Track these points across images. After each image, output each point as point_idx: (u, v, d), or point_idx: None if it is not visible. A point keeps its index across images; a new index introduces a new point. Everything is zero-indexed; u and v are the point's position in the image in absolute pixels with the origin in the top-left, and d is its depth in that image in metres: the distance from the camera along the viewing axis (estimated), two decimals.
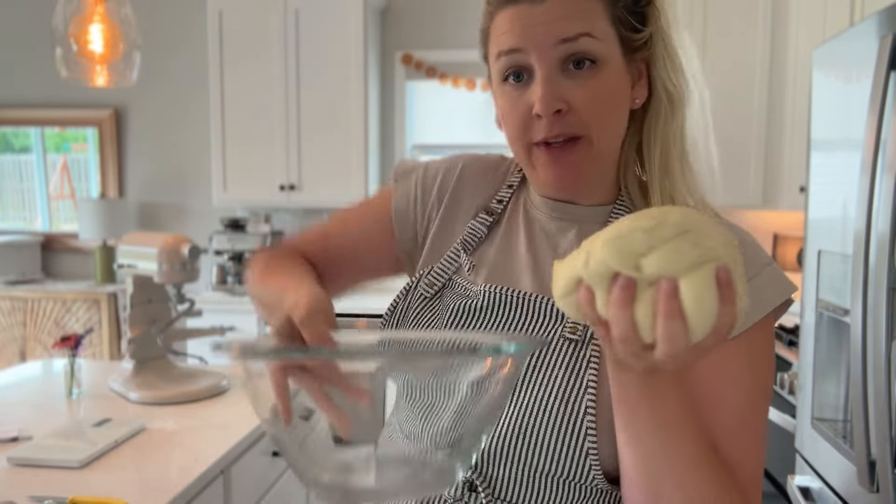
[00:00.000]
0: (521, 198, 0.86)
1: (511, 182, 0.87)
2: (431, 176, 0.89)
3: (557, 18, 0.70)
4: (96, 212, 3.82)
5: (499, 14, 0.74)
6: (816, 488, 1.73)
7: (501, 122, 0.79)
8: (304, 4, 3.52)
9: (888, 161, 1.34)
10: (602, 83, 0.71)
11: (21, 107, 4.10)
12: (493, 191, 0.87)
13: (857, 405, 1.41)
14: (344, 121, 3.58)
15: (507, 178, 0.88)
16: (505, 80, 0.74)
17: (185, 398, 1.77)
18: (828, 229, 1.70)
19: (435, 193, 0.88)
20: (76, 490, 1.26)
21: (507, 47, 0.72)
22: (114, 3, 1.87)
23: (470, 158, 0.91)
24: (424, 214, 0.88)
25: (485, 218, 0.84)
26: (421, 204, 0.88)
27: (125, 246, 1.92)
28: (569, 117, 0.71)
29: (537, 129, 0.72)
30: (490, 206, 0.85)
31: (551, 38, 0.70)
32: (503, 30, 0.73)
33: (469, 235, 0.83)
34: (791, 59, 3.07)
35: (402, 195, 0.89)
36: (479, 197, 0.87)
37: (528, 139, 0.74)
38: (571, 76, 0.71)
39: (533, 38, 0.70)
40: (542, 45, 0.70)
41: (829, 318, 1.70)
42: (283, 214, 3.98)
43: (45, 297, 3.75)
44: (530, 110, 0.72)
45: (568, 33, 0.70)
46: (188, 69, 3.97)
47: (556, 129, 0.71)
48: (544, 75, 0.71)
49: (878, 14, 1.45)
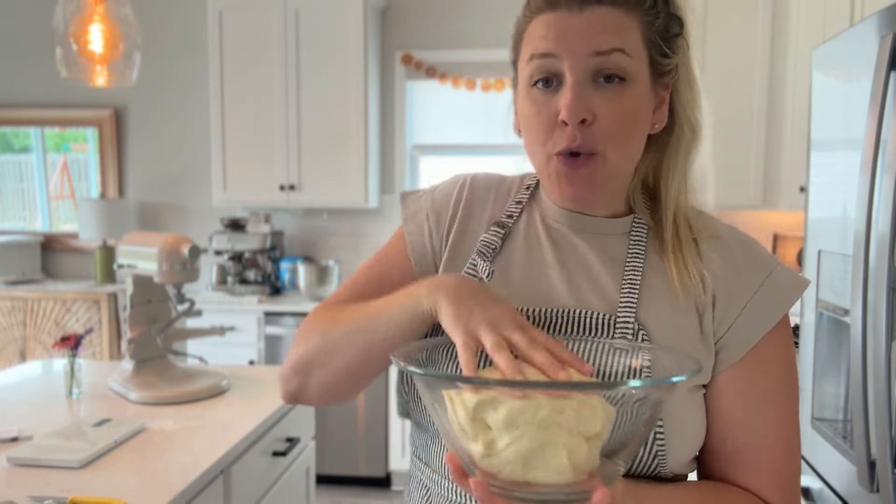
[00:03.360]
0: (534, 212, 0.86)
1: (520, 198, 0.87)
2: (440, 199, 0.89)
3: (595, 31, 0.71)
4: (96, 212, 3.82)
5: (537, 18, 0.75)
6: (816, 488, 1.73)
7: (522, 127, 0.79)
8: (304, 4, 3.52)
9: (888, 161, 1.34)
10: (628, 100, 0.73)
11: (21, 107, 4.10)
12: (502, 206, 0.87)
13: (857, 405, 1.41)
14: (344, 121, 3.58)
15: (513, 194, 0.88)
16: (534, 84, 0.75)
17: (185, 398, 1.77)
18: (828, 229, 1.70)
19: (449, 213, 0.87)
20: (76, 490, 1.26)
21: (542, 51, 0.73)
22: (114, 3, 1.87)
23: (474, 175, 0.90)
24: (440, 238, 0.87)
25: (497, 230, 0.84)
26: (436, 233, 0.87)
27: (125, 246, 1.92)
28: (592, 129, 0.72)
29: (560, 137, 0.73)
30: (501, 220, 0.85)
31: (586, 49, 0.71)
32: (539, 34, 0.74)
33: (483, 247, 0.83)
34: (791, 59, 3.07)
35: (416, 232, 0.88)
36: (487, 212, 0.87)
37: (550, 147, 0.74)
38: (599, 89, 0.72)
39: (568, 45, 0.72)
40: (576, 54, 0.71)
41: (829, 318, 1.70)
42: (283, 214, 3.98)
43: (45, 297, 3.75)
44: (555, 117, 0.72)
45: (602, 46, 0.71)
46: (188, 69, 3.97)
47: (578, 139, 0.72)
48: (574, 83, 0.71)
49: (878, 14, 1.45)
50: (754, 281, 0.77)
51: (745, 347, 0.76)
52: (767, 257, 0.80)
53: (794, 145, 3.00)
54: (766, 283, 0.77)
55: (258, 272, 3.73)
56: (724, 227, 0.82)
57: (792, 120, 3.05)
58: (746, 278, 0.77)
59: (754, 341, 0.76)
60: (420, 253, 0.87)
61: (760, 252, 0.80)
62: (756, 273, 0.77)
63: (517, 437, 0.57)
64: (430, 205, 0.89)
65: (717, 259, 0.78)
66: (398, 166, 3.92)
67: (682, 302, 0.76)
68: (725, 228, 0.82)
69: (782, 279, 0.78)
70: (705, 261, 0.78)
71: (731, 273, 0.77)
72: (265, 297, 3.62)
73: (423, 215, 0.88)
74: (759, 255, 0.80)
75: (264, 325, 3.46)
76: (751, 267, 0.78)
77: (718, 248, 0.79)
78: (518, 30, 0.79)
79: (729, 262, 0.78)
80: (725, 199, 3.32)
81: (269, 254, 3.75)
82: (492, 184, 0.89)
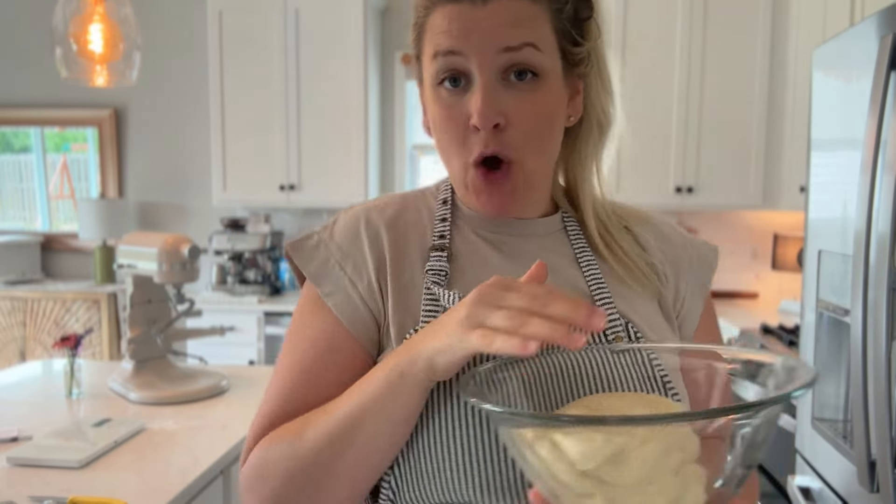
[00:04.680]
0: (463, 228, 0.77)
1: (443, 215, 0.78)
2: (347, 245, 0.74)
3: (502, 24, 0.66)
4: (96, 212, 3.82)
5: (437, 10, 0.68)
6: (816, 488, 1.73)
7: (433, 129, 0.73)
8: (304, 4, 3.52)
9: (888, 161, 1.34)
10: (542, 98, 0.68)
11: (21, 107, 4.10)
12: (425, 229, 0.77)
13: (857, 405, 1.41)
14: (344, 121, 3.58)
15: (434, 212, 0.79)
16: (440, 83, 0.69)
17: (185, 398, 1.77)
18: (828, 229, 1.70)
19: (370, 257, 0.73)
20: (76, 490, 1.26)
21: (445, 48, 0.67)
22: (114, 3, 1.87)
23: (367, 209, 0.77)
24: (369, 288, 0.72)
25: (440, 255, 0.74)
26: (360, 282, 0.72)
27: (125, 246, 1.92)
28: (505, 135, 0.68)
29: (474, 143, 0.69)
30: (437, 243, 0.75)
31: (494, 45, 0.66)
32: (441, 28, 0.68)
33: (435, 275, 0.72)
34: (791, 59, 3.07)
35: (336, 292, 0.72)
36: (414, 241, 0.75)
37: (466, 156, 0.69)
38: (511, 87, 0.67)
39: (474, 42, 0.66)
40: (484, 52, 0.66)
41: (829, 318, 1.70)
42: (283, 214, 3.98)
43: (45, 297, 3.75)
44: (467, 120, 0.68)
45: (512, 41, 0.66)
46: (188, 69, 3.97)
47: (492, 145, 0.68)
48: (484, 84, 0.66)
49: (878, 14, 1.45)
50: (685, 254, 0.81)
51: (696, 318, 0.79)
52: (681, 230, 0.84)
53: (794, 145, 3.00)
54: (693, 253, 0.81)
55: (258, 272, 3.73)
56: (642, 210, 0.84)
57: (792, 120, 3.05)
58: (681, 253, 0.80)
59: (700, 310, 0.80)
60: (350, 313, 0.71)
61: (676, 227, 0.84)
62: (685, 246, 0.81)
63: (654, 492, 0.47)
64: (338, 255, 0.74)
65: (654, 241, 0.80)
66: (398, 166, 3.92)
67: (640, 288, 0.77)
68: (644, 211, 0.84)
69: (701, 246, 0.83)
70: (645, 246, 0.79)
71: (669, 252, 0.80)
72: (265, 297, 3.63)
73: (337, 269, 0.73)
74: (677, 229, 0.84)
75: (264, 325, 3.47)
76: (679, 242, 0.81)
77: (650, 230, 0.81)
78: (417, 21, 0.72)
79: (664, 242, 0.80)
80: (726, 199, 3.32)
81: (268, 254, 3.75)
82: (402, 210, 0.78)
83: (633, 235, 0.79)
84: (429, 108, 0.73)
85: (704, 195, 3.32)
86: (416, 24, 0.72)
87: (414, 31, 0.73)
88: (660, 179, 3.33)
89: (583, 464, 0.46)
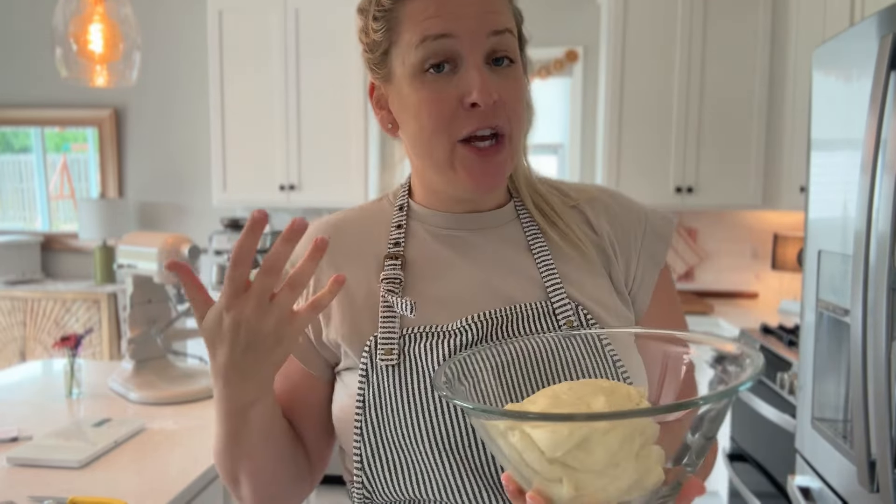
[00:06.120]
0: (417, 231, 0.79)
1: (399, 221, 0.80)
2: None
3: (486, 10, 0.69)
4: (96, 212, 3.82)
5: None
6: (816, 488, 1.73)
7: (410, 118, 0.72)
8: (304, 4, 3.52)
9: (888, 161, 1.34)
10: (517, 83, 0.72)
11: (21, 107, 4.10)
12: (379, 237, 0.79)
13: (857, 405, 1.41)
14: (344, 121, 3.58)
15: (390, 219, 0.81)
16: (426, 70, 0.69)
17: (185, 398, 1.77)
18: (828, 229, 1.70)
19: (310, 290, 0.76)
20: (76, 490, 1.26)
21: (436, 32, 0.68)
22: (114, 3, 1.87)
23: (317, 228, 0.81)
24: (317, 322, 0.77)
25: (394, 263, 0.76)
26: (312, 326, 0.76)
27: (125, 246, 1.92)
28: (500, 110, 0.70)
29: (467, 121, 0.69)
30: (391, 251, 0.77)
31: (484, 28, 0.68)
32: (427, 14, 0.68)
33: (389, 284, 0.74)
34: (791, 59, 3.07)
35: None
36: (365, 252, 0.78)
37: (454, 135, 0.69)
38: (493, 71, 0.70)
39: (465, 24, 0.68)
40: (475, 34, 0.68)
41: (829, 318, 1.70)
42: (283, 214, 3.98)
43: (45, 297, 3.75)
44: (458, 102, 0.69)
45: (498, 26, 0.69)
46: (188, 69, 3.97)
47: (490, 119, 0.69)
48: (478, 64, 0.68)
49: (878, 14, 1.45)
50: (638, 229, 0.81)
51: (649, 292, 0.80)
52: (637, 204, 0.84)
53: (794, 145, 3.00)
54: (647, 228, 0.81)
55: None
56: (591, 187, 0.85)
57: (792, 120, 3.05)
58: (632, 228, 0.81)
59: (653, 284, 0.80)
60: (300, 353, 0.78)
61: (631, 200, 0.84)
62: (637, 221, 0.82)
63: (618, 475, 0.51)
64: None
65: (603, 219, 0.81)
66: (398, 166, 3.91)
67: (593, 267, 0.78)
68: (593, 188, 0.84)
69: (657, 219, 0.82)
70: (594, 224, 0.80)
71: (618, 228, 0.81)
72: None
73: None
74: (631, 203, 0.84)
75: None
76: (630, 217, 0.82)
77: (599, 208, 0.82)
78: (387, 15, 0.71)
79: (613, 219, 0.81)
80: (726, 199, 3.33)
81: None
82: (355, 222, 0.81)
83: (586, 216, 0.81)
84: (407, 97, 0.72)
85: (704, 195, 3.32)
86: (385, 16, 0.72)
87: (384, 23, 0.72)
88: (660, 179, 3.33)
89: (551, 452, 0.51)
